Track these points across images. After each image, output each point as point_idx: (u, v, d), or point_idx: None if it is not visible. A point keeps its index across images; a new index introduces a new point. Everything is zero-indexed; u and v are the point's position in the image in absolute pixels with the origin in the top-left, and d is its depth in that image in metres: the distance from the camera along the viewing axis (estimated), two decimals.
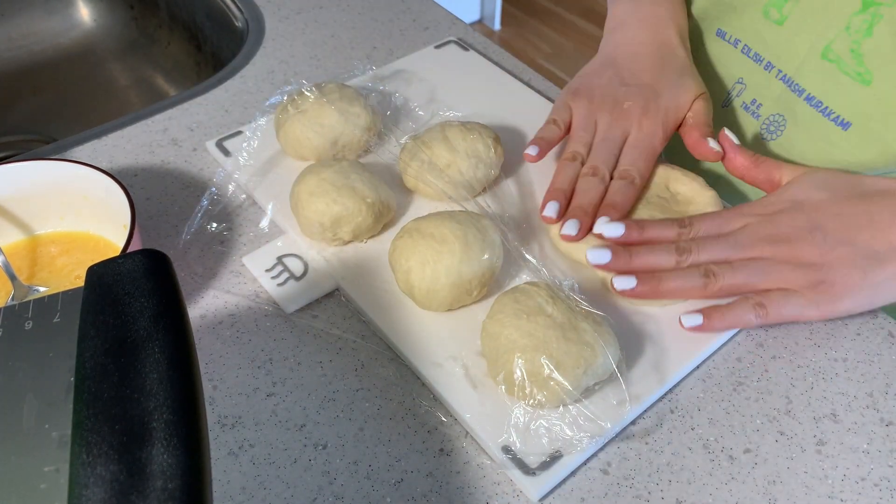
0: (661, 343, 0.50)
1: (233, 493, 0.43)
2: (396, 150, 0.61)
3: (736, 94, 0.66)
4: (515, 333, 0.45)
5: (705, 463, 0.45)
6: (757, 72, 0.63)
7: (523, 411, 0.45)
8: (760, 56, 0.62)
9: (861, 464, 0.46)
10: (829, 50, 0.57)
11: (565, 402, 0.45)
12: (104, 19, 0.98)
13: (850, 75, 0.56)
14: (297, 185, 0.55)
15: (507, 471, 0.44)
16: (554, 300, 0.46)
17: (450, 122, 0.60)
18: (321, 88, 0.61)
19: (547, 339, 0.44)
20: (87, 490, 0.24)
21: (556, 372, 0.44)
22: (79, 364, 0.27)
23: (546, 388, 0.44)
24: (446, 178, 0.57)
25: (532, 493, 0.43)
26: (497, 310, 0.47)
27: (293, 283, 0.54)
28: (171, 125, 0.67)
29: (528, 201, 0.60)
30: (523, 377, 0.44)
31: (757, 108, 0.64)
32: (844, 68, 0.56)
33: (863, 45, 0.54)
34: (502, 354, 0.45)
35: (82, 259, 0.55)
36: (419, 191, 0.59)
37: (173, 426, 0.25)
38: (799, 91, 0.60)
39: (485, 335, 0.47)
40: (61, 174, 0.53)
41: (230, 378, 0.49)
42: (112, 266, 0.30)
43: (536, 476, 0.43)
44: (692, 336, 0.50)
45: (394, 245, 0.52)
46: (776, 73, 0.61)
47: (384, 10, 0.83)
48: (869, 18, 0.54)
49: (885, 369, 0.50)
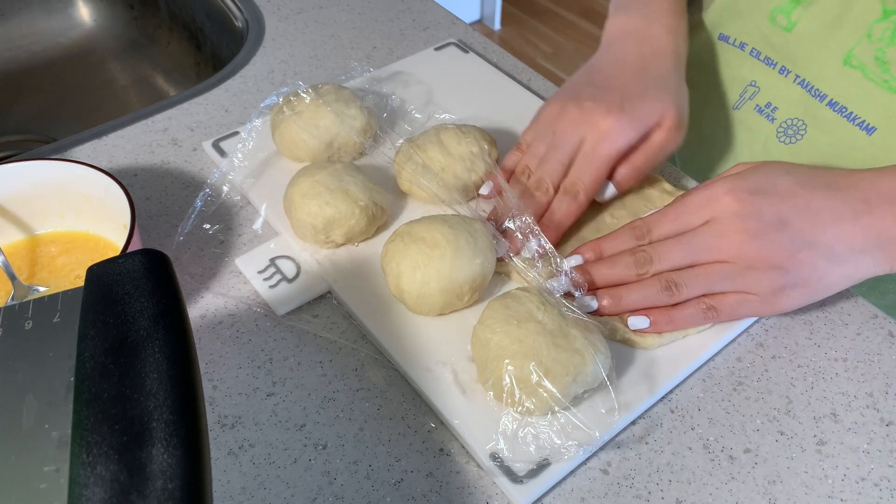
0: (653, 351, 0.50)
1: (233, 493, 0.43)
2: (391, 152, 0.61)
3: (749, 97, 0.65)
4: (505, 339, 0.45)
5: (705, 463, 0.45)
6: (771, 75, 0.62)
7: (511, 418, 0.45)
8: (772, 60, 0.62)
9: (861, 464, 0.46)
10: (851, 56, 0.56)
11: (554, 409, 0.44)
12: (104, 19, 0.98)
13: (876, 82, 0.56)
14: (291, 187, 0.55)
15: (494, 478, 0.44)
16: (545, 306, 0.46)
17: (445, 126, 0.60)
18: (317, 90, 0.61)
19: (537, 345, 0.44)
20: (87, 490, 0.24)
21: (545, 379, 0.43)
22: (79, 364, 0.27)
23: (535, 396, 0.44)
24: (441, 182, 0.57)
25: (519, 502, 0.43)
26: (488, 315, 0.47)
27: (285, 286, 0.53)
28: (171, 125, 0.67)
29: None
30: (512, 384, 0.44)
31: (772, 112, 0.63)
32: (869, 75, 0.56)
33: (888, 53, 0.54)
34: (492, 360, 0.45)
35: (82, 259, 0.54)
36: (413, 194, 0.59)
37: (173, 426, 0.25)
38: (820, 96, 0.59)
39: (475, 341, 0.47)
40: (61, 174, 0.53)
41: (230, 378, 0.49)
42: (112, 266, 0.30)
43: (524, 484, 0.43)
44: (684, 345, 0.50)
45: (385, 249, 0.52)
46: (793, 77, 0.61)
47: (384, 10, 0.83)
48: (891, 26, 0.54)
49: (885, 369, 0.50)
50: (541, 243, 0.51)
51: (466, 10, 2.55)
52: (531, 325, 0.45)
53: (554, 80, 0.73)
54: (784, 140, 0.63)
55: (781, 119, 0.63)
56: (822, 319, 0.53)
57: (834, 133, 0.59)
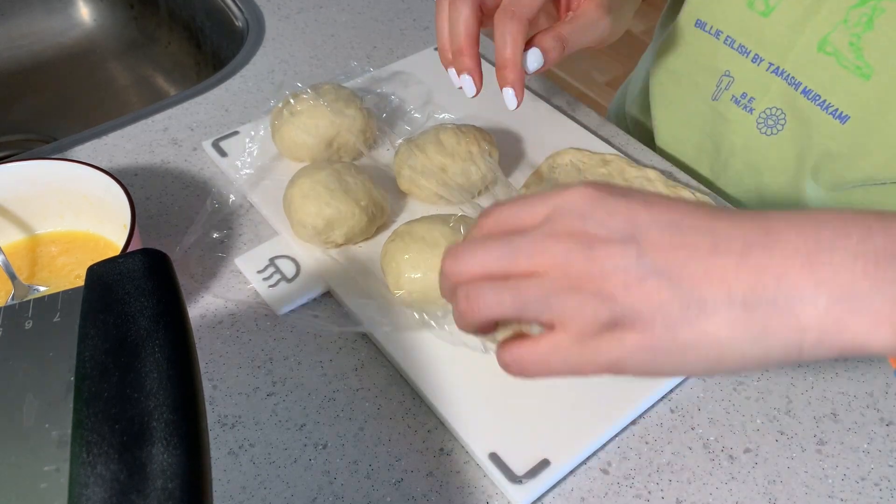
0: None
1: (233, 493, 0.43)
2: (391, 153, 0.61)
3: (725, 87, 0.64)
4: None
5: (705, 462, 0.45)
6: (744, 64, 0.62)
7: (511, 418, 0.45)
8: (746, 48, 0.61)
9: (861, 464, 0.46)
10: (826, 42, 0.56)
11: None
12: (104, 19, 0.98)
13: (849, 69, 0.55)
14: (290, 188, 0.55)
15: (493, 478, 0.44)
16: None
17: (444, 125, 0.60)
18: (317, 89, 0.61)
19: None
20: (87, 490, 0.24)
21: None
22: (79, 364, 0.27)
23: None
24: (440, 181, 0.57)
25: (518, 502, 0.43)
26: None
27: (284, 285, 0.53)
28: (171, 125, 0.67)
29: None
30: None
31: (749, 102, 0.63)
32: (843, 62, 0.55)
33: (863, 39, 0.54)
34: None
35: (82, 259, 0.55)
36: (413, 194, 0.59)
37: (173, 426, 0.25)
38: (796, 84, 0.59)
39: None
40: (61, 174, 0.53)
41: (230, 378, 0.49)
42: (112, 266, 0.30)
43: (523, 484, 0.43)
44: None
45: (385, 248, 0.52)
46: (766, 66, 0.60)
47: (384, 10, 0.83)
48: (869, 12, 0.54)
49: (885, 369, 0.50)
50: None
51: None
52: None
53: (553, 79, 0.73)
54: (766, 132, 0.63)
55: (760, 109, 0.62)
56: None
57: (810, 123, 0.59)
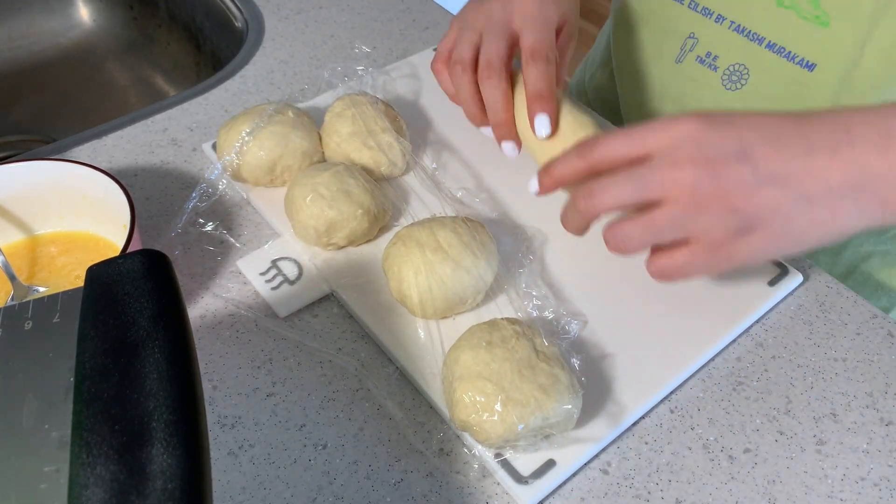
0: (653, 352, 0.50)
1: (233, 493, 0.43)
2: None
3: (690, 49, 0.66)
4: (471, 360, 0.43)
5: (705, 463, 0.45)
6: (708, 25, 0.64)
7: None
8: (709, 10, 0.63)
9: (861, 464, 0.46)
10: None
11: (511, 439, 0.42)
12: (104, 19, 0.98)
13: (808, 19, 0.57)
14: (292, 190, 0.55)
15: (498, 479, 0.44)
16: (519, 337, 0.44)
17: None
18: (280, 109, 0.59)
19: (501, 371, 0.42)
20: (87, 490, 0.24)
21: (505, 407, 0.41)
22: (79, 364, 0.27)
23: (492, 420, 0.42)
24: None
25: (524, 502, 0.43)
26: (463, 337, 0.46)
27: (287, 287, 0.53)
28: (170, 125, 0.67)
29: None
30: (473, 403, 0.42)
31: (714, 61, 0.64)
32: (803, 13, 0.57)
33: None
34: (455, 380, 0.44)
35: (82, 259, 0.55)
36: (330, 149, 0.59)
37: (173, 426, 0.25)
38: (759, 39, 0.60)
39: (445, 361, 0.46)
40: (61, 174, 0.53)
41: (230, 378, 0.49)
42: (112, 266, 0.30)
43: (529, 485, 0.43)
44: (683, 345, 0.50)
45: (387, 252, 0.51)
46: (728, 24, 0.62)
47: (384, 10, 0.83)
48: None
49: (884, 369, 0.50)
50: None
51: None
52: (499, 350, 0.44)
53: None
54: (730, 87, 0.64)
55: (724, 66, 0.64)
56: (822, 319, 0.53)
57: (775, 75, 0.61)
